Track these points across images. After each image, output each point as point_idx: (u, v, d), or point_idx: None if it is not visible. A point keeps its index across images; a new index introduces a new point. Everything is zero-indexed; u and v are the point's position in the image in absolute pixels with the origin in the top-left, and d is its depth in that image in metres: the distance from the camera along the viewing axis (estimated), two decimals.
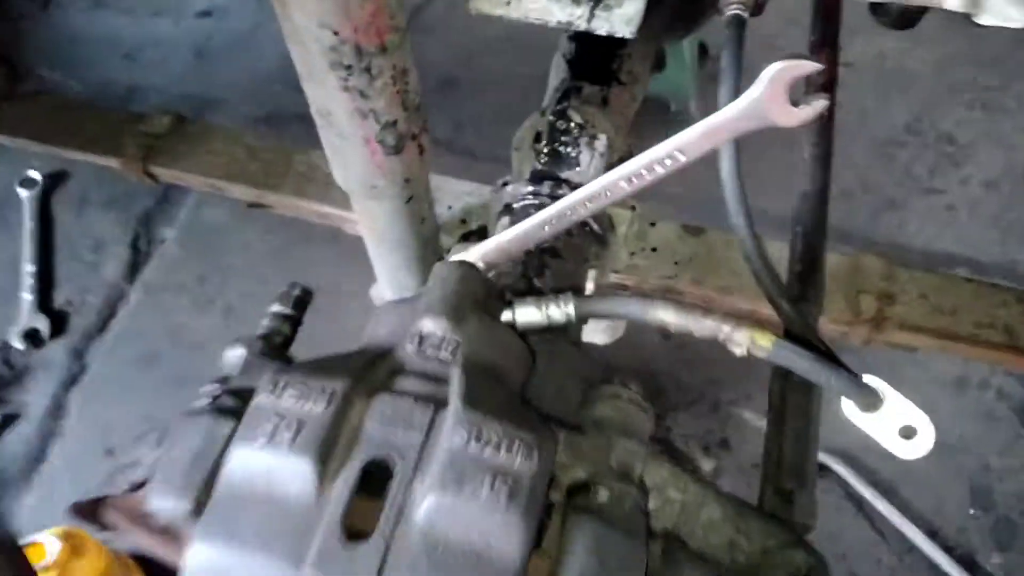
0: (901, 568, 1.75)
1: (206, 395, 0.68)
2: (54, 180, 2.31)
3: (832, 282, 1.04)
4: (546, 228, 0.68)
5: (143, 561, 1.99)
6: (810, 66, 0.57)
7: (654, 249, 1.20)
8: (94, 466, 1.90)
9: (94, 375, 2.04)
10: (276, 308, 0.77)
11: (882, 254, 1.17)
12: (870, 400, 0.76)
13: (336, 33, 0.78)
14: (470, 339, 0.65)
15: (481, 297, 0.69)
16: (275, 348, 0.73)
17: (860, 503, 1.80)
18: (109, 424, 1.96)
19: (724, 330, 0.71)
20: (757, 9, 0.88)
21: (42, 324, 2.08)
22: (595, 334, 1.32)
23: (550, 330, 0.73)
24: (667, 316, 0.71)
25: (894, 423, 0.77)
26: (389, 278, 1.17)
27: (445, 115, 2.45)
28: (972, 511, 1.81)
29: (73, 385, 2.03)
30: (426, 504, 0.57)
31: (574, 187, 1.08)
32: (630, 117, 1.22)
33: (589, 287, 1.21)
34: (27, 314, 2.10)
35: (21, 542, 1.54)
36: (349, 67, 0.82)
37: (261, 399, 0.61)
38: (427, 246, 1.10)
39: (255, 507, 0.58)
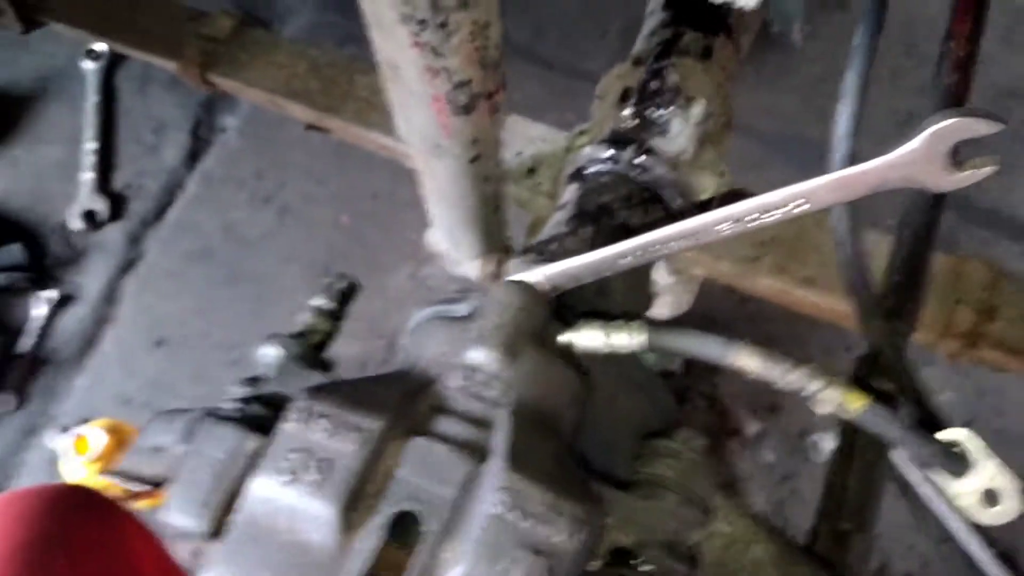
0: (935, 557, 1.69)
1: (235, 396, 0.63)
2: (118, 54, 2.23)
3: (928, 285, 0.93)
4: (626, 259, 0.59)
5: None
6: (987, 127, 0.45)
7: None
8: (144, 357, 1.93)
9: (149, 264, 2.04)
10: (316, 302, 0.71)
11: (984, 258, 1.04)
12: (959, 468, 0.68)
13: None
14: (523, 379, 0.58)
15: (540, 327, 0.61)
16: (312, 348, 0.67)
17: (905, 485, 1.72)
18: (161, 316, 1.97)
19: (812, 387, 0.63)
20: None
21: (100, 206, 2.07)
22: (658, 308, 1.24)
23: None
24: (750, 363, 0.63)
25: (978, 485, 0.70)
26: (446, 232, 1.09)
27: (525, 16, 2.28)
28: None
29: (128, 271, 2.03)
30: (454, 574, 0.52)
31: (659, 156, 0.97)
32: (733, 74, 1.08)
33: (661, 275, 1.12)
34: (86, 194, 2.08)
35: (70, 433, 1.58)
36: (423, 21, 0.72)
37: (289, 427, 0.56)
38: (489, 205, 1.01)
39: (275, 546, 0.54)
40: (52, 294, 1.96)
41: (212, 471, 0.58)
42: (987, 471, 0.69)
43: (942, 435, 0.73)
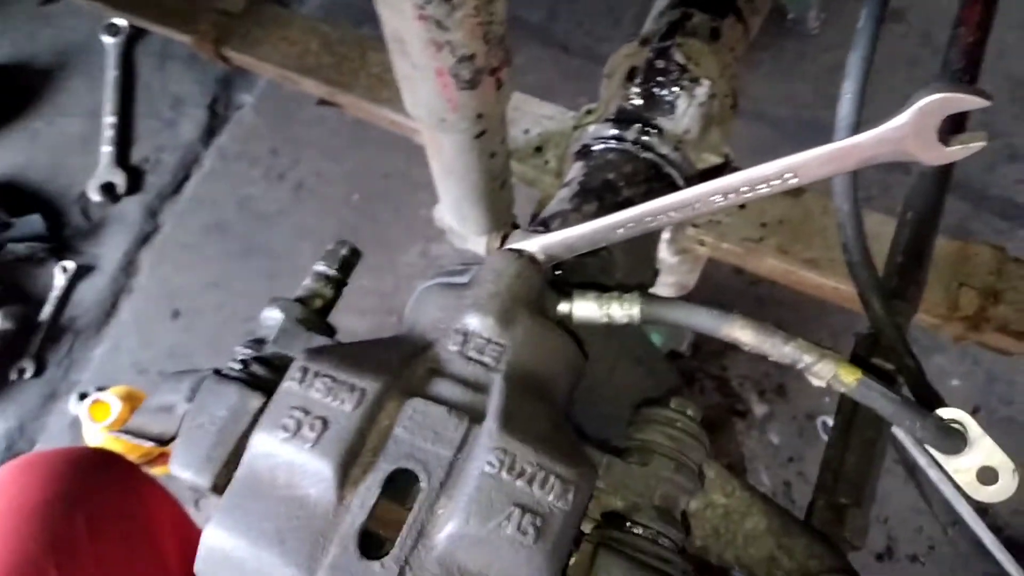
0: (943, 540, 1.70)
1: (239, 358, 0.65)
2: (138, 29, 2.26)
3: (933, 268, 0.94)
4: (620, 231, 0.60)
5: None
6: (974, 102, 0.46)
7: (741, 205, 1.10)
8: (161, 327, 1.96)
9: (166, 236, 2.08)
10: (320, 268, 0.73)
11: (991, 243, 1.05)
12: (954, 445, 0.69)
13: None
14: (517, 345, 0.60)
15: (536, 295, 0.62)
16: (314, 313, 0.69)
17: (912, 468, 1.73)
18: (177, 287, 2.01)
19: (805, 360, 0.63)
20: None
21: (119, 179, 2.11)
22: (663, 288, 1.25)
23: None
24: (743, 335, 0.64)
25: (974, 463, 0.70)
26: (452, 207, 1.10)
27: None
28: None
29: (145, 243, 2.07)
30: (448, 530, 0.53)
31: (664, 135, 0.98)
32: (740, 56, 1.09)
33: (665, 254, 1.13)
34: (105, 167, 2.12)
35: (88, 400, 1.61)
36: None
37: (289, 386, 0.57)
38: (495, 181, 1.02)
39: (275, 499, 0.56)
40: (71, 264, 2.00)
41: (215, 427, 0.60)
42: (984, 448, 0.68)
43: (938, 412, 0.74)
